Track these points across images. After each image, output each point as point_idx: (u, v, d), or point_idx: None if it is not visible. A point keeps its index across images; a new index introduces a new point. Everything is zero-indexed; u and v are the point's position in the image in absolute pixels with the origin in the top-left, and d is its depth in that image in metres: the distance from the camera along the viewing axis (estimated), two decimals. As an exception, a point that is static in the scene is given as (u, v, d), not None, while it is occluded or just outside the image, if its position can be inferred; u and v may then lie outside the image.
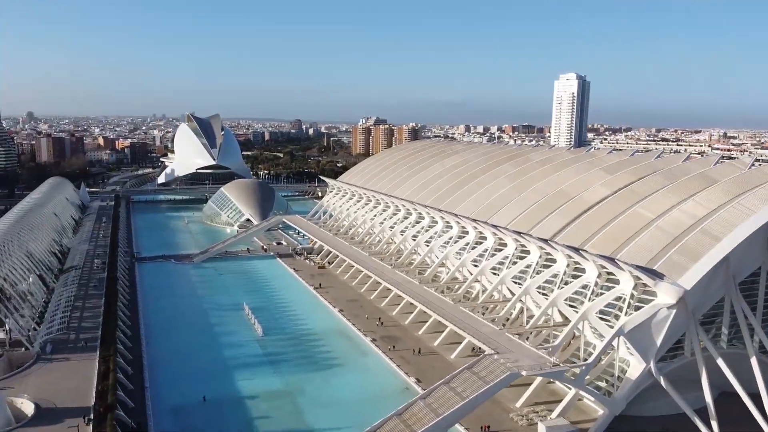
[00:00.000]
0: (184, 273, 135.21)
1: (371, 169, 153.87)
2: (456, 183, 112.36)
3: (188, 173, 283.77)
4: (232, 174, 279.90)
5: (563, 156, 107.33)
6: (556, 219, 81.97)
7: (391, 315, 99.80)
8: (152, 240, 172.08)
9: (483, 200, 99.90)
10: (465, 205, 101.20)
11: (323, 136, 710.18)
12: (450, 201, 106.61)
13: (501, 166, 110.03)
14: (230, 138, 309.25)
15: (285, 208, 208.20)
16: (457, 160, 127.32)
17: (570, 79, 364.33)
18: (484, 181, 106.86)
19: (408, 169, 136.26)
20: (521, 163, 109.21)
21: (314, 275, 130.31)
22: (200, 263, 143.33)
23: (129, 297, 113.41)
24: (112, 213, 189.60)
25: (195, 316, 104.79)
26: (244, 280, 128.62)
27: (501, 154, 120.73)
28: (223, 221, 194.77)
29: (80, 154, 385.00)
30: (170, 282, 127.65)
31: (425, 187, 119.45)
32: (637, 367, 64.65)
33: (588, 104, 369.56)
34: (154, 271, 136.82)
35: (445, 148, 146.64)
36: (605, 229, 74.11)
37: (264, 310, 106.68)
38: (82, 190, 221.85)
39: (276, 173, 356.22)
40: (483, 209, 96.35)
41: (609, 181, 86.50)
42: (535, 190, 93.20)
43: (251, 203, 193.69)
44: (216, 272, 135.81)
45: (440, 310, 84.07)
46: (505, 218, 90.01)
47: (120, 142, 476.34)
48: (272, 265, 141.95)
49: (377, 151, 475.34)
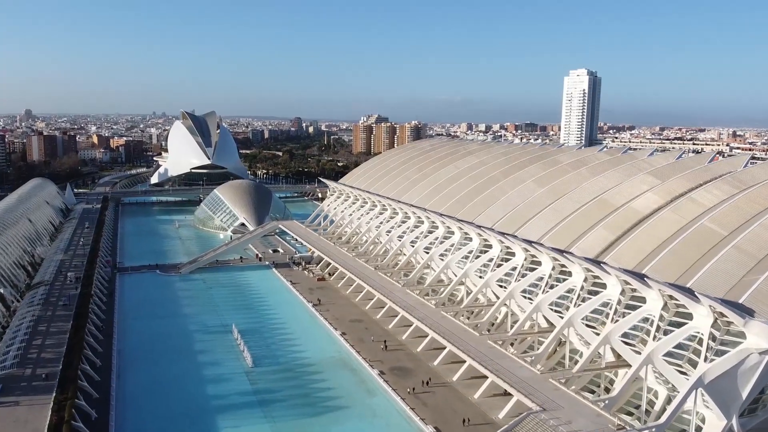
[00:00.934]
0: (170, 286, 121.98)
1: (375, 171, 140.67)
2: (474, 188, 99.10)
3: (182, 173, 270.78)
4: (227, 174, 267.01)
5: (598, 157, 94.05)
6: (601, 234, 68.73)
7: (400, 339, 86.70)
8: (139, 247, 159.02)
9: (507, 208, 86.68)
10: (487, 214, 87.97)
11: (324, 134, 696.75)
12: (468, 209, 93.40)
13: (526, 169, 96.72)
14: (226, 136, 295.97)
15: (282, 212, 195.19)
16: (473, 161, 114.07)
17: (580, 75, 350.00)
18: (507, 185, 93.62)
19: (417, 171, 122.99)
20: (549, 165, 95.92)
21: (313, 289, 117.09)
22: (188, 274, 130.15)
23: (104, 317, 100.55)
24: (97, 217, 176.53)
25: (177, 341, 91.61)
26: (234, 295, 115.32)
27: (523, 155, 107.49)
28: (215, 226, 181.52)
29: (72, 152, 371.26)
30: (153, 297, 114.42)
31: (437, 192, 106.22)
32: (717, 425, 51.55)
33: (599, 101, 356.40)
34: (136, 283, 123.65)
35: (457, 148, 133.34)
36: (667, 249, 60.85)
37: (255, 333, 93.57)
38: (68, 192, 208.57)
39: (275, 173, 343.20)
40: (508, 219, 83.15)
41: (660, 188, 73.29)
42: (570, 198, 79.96)
43: (246, 206, 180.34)
44: (204, 285, 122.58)
45: (461, 342, 70.71)
46: (537, 230, 76.83)
47: (115, 140, 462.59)
48: (267, 277, 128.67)
49: (379, 149, 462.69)
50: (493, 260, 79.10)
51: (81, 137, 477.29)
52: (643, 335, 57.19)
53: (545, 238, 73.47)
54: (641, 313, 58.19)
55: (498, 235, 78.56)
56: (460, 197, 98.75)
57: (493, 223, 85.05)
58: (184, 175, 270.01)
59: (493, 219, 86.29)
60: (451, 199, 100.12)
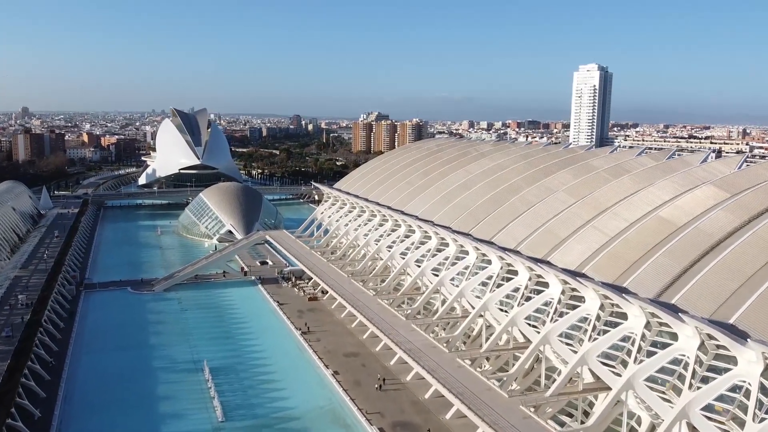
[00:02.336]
0: (140, 307, 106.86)
1: (376, 175, 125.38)
2: (491, 198, 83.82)
3: (171, 174, 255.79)
4: (219, 175, 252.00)
5: (641, 163, 78.71)
6: (666, 262, 53.50)
7: (404, 380, 71.75)
8: (114, 258, 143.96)
9: (534, 224, 71.45)
10: (509, 232, 72.67)
11: (323, 132, 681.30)
12: (485, 224, 78.14)
13: (554, 176, 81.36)
14: (218, 135, 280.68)
15: (274, 217, 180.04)
16: (487, 165, 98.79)
17: (591, 71, 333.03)
18: (532, 195, 78.30)
19: (422, 176, 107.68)
20: (582, 171, 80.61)
21: (303, 311, 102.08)
22: (162, 292, 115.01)
23: (57, 349, 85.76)
24: (71, 223, 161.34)
25: (137, 383, 76.52)
26: (211, 320, 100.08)
27: (547, 158, 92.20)
28: (200, 233, 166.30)
29: (59, 152, 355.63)
30: (118, 322, 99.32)
31: (447, 202, 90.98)
32: None
33: (610, 98, 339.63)
34: (102, 304, 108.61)
35: (466, 149, 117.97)
36: (763, 288, 45.67)
37: (230, 372, 78.57)
38: (43, 195, 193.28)
39: (270, 173, 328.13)
40: (537, 239, 67.89)
41: (734, 204, 58.01)
42: (615, 214, 64.67)
43: (234, 212, 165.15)
44: (179, 306, 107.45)
45: (484, 408, 55.16)
46: (577, 255, 61.60)
47: (106, 138, 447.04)
48: (251, 296, 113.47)
49: (379, 148, 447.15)
50: (521, 291, 63.85)
51: (71, 135, 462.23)
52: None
53: (588, 267, 58.20)
54: (730, 378, 43.13)
55: (525, 261, 63.32)
56: (474, 209, 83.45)
57: (516, 243, 69.81)
58: (173, 175, 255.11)
59: (516, 238, 71.04)
60: (464, 211, 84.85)
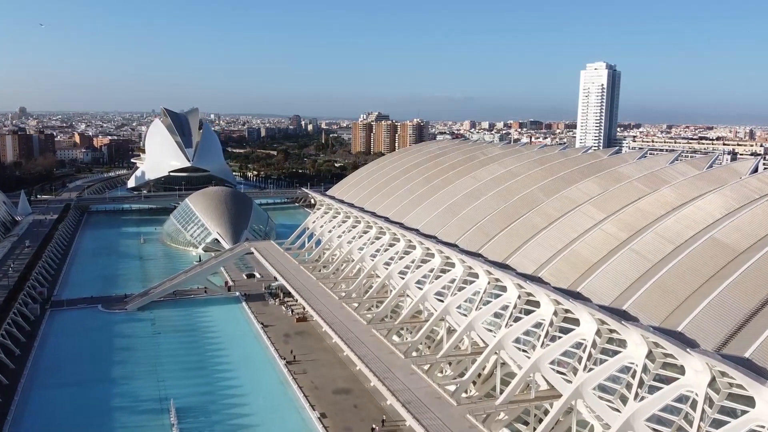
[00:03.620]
0: (108, 330, 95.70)
1: (373, 180, 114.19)
2: (503, 211, 72.62)
3: (161, 176, 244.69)
4: (210, 178, 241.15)
5: (680, 172, 67.42)
6: (730, 297, 42.33)
7: (404, 428, 60.67)
8: (89, 271, 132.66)
9: (556, 245, 60.28)
10: (526, 254, 61.45)
11: (323, 132, 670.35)
12: (497, 242, 66.97)
13: (577, 186, 70.07)
14: (210, 136, 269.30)
15: (265, 223, 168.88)
16: (497, 171, 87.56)
17: (598, 69, 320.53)
18: (553, 209, 67.11)
19: (424, 182, 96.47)
20: (609, 180, 69.38)
21: (290, 335, 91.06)
22: (135, 311, 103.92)
23: (7, 382, 75.09)
24: (47, 232, 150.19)
25: (90, 428, 65.52)
26: (185, 346, 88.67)
27: (567, 164, 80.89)
28: (185, 241, 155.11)
29: (49, 153, 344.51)
30: (81, 348, 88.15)
31: (452, 214, 79.79)
32: None
33: (618, 97, 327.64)
34: (68, 325, 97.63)
35: (473, 152, 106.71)
36: None
37: (201, 414, 67.58)
38: (21, 200, 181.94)
39: (266, 174, 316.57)
40: (564, 264, 56.63)
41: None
42: (658, 235, 53.44)
43: (221, 219, 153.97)
44: (151, 328, 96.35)
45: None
46: (610, 286, 50.42)
47: (99, 139, 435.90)
48: (233, 316, 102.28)
49: (379, 149, 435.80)
50: (545, 328, 52.61)
51: (64, 136, 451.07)
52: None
53: (630, 304, 46.99)
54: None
55: (551, 292, 52.09)
56: (484, 223, 72.23)
57: (536, 267, 58.67)
58: (162, 178, 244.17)
59: (536, 260, 59.89)
60: (472, 225, 73.66)
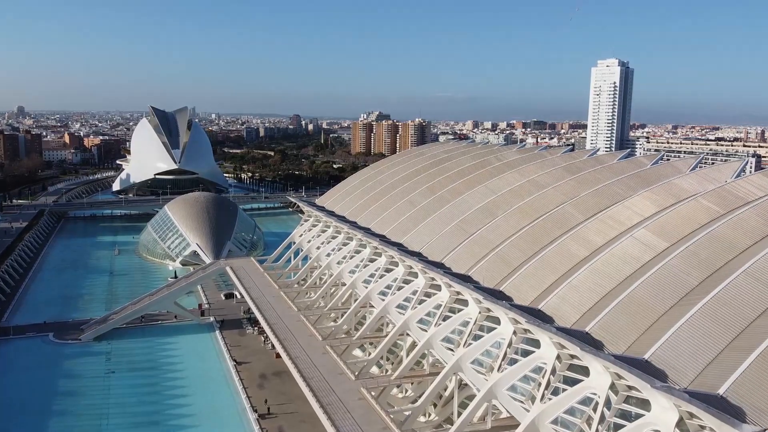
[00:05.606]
0: (54, 366, 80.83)
1: (370, 188, 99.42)
2: (529, 234, 57.62)
3: (146, 179, 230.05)
4: (198, 181, 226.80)
5: (759, 186, 52.49)
6: None
7: None
8: (51, 289, 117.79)
9: (605, 284, 45.37)
10: (565, 297, 46.48)
11: (323, 132, 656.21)
12: (524, 277, 51.99)
13: (623, 204, 54.87)
14: (199, 136, 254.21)
15: (252, 232, 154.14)
16: (516, 180, 72.61)
17: (611, 66, 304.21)
18: (594, 233, 52.15)
19: (428, 193, 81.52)
20: (666, 196, 54.40)
21: (266, 377, 76.40)
22: (91, 342, 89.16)
23: None
24: (9, 242, 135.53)
25: None
26: (140, 391, 73.65)
27: (603, 174, 65.78)
28: (162, 254, 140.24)
29: (35, 154, 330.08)
30: (17, 391, 73.37)
31: (462, 233, 64.93)
32: None
33: (631, 96, 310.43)
34: (8, 360, 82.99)
35: (484, 156, 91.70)
36: None
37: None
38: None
39: (261, 176, 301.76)
40: (622, 317, 41.72)
41: None
42: (751, 276, 38.60)
43: (202, 228, 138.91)
44: (105, 365, 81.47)
45: None
46: (695, 351, 35.60)
47: (89, 139, 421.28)
48: (203, 349, 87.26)
49: (380, 149, 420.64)
50: (599, 410, 37.70)
51: (54, 136, 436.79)
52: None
53: (730, 384, 32.12)
54: None
55: (604, 360, 37.18)
56: (504, 249, 57.22)
57: (580, 315, 43.77)
58: (149, 181, 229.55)
59: (578, 306, 44.97)
60: (487, 250, 58.75)
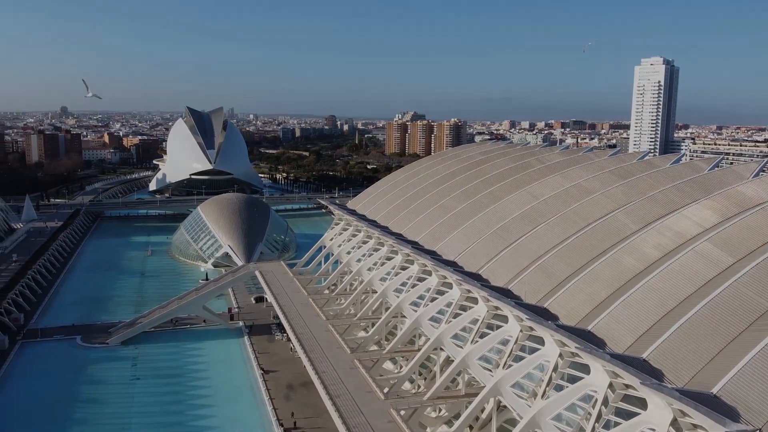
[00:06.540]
0: (78, 372, 79.00)
1: (403, 191, 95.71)
2: (576, 243, 52.88)
3: (182, 179, 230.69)
4: (233, 181, 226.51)
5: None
6: None
7: None
8: (81, 290, 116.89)
9: (667, 302, 40.62)
10: (618, 316, 41.74)
11: (357, 132, 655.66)
12: (571, 293, 47.46)
13: (681, 212, 49.80)
14: (234, 137, 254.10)
15: (284, 234, 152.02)
16: (561, 185, 67.70)
17: (655, 65, 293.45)
18: (650, 245, 47.22)
19: (464, 197, 77.25)
20: (729, 205, 48.92)
21: (293, 387, 73.13)
22: (118, 346, 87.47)
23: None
24: (43, 242, 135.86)
25: None
26: (164, 401, 71.13)
27: (657, 179, 60.48)
28: (194, 255, 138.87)
29: (74, 153, 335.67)
30: (40, 398, 71.67)
31: (501, 241, 60.58)
32: None
33: (676, 96, 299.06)
34: (34, 364, 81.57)
35: (525, 158, 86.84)
36: None
37: None
38: (26, 206, 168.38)
39: (295, 177, 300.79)
40: (684, 340, 37.04)
41: None
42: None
43: (234, 230, 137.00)
44: (130, 371, 79.49)
45: None
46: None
47: (128, 139, 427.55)
48: (231, 356, 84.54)
49: (414, 150, 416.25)
50: None
51: (94, 136, 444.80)
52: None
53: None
54: None
55: (664, 397, 32.59)
56: (548, 261, 52.67)
57: (635, 338, 39.20)
58: (185, 181, 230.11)
59: (634, 329, 40.31)
60: (529, 261, 54.34)
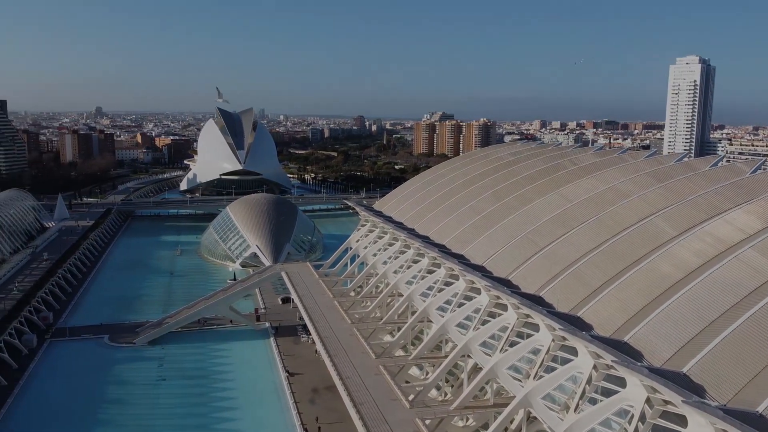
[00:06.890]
0: (105, 372, 79.30)
1: (430, 193, 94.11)
2: (611, 249, 50.65)
3: (212, 179, 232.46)
4: (263, 181, 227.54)
5: None
6: None
7: None
8: (110, 289, 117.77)
9: (708, 314, 38.45)
10: (657, 328, 39.63)
11: (385, 133, 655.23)
12: (606, 302, 45.37)
13: (723, 217, 47.04)
14: (264, 137, 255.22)
15: (312, 234, 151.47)
16: (595, 188, 65.36)
17: (690, 64, 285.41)
18: (691, 252, 44.84)
19: (493, 200, 75.33)
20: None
21: (318, 390, 72.14)
22: (144, 346, 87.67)
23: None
24: (74, 241, 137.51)
25: None
26: (188, 402, 70.88)
27: (697, 182, 57.88)
28: (222, 254, 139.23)
29: (107, 153, 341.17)
30: (65, 398, 72.00)
31: (532, 246, 58.61)
32: None
33: (712, 95, 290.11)
34: (62, 364, 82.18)
35: (557, 159, 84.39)
36: None
37: None
38: (58, 205, 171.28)
39: (323, 177, 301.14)
40: (727, 354, 34.87)
41: None
42: None
43: (261, 230, 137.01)
44: (156, 371, 79.43)
45: None
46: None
47: (161, 139, 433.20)
48: (256, 357, 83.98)
49: (442, 150, 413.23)
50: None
51: (126, 136, 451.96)
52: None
53: None
54: None
55: (708, 416, 30.49)
56: (581, 268, 50.58)
57: (675, 351, 37.07)
58: (215, 181, 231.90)
59: (674, 341, 38.16)
60: (561, 267, 52.31)
